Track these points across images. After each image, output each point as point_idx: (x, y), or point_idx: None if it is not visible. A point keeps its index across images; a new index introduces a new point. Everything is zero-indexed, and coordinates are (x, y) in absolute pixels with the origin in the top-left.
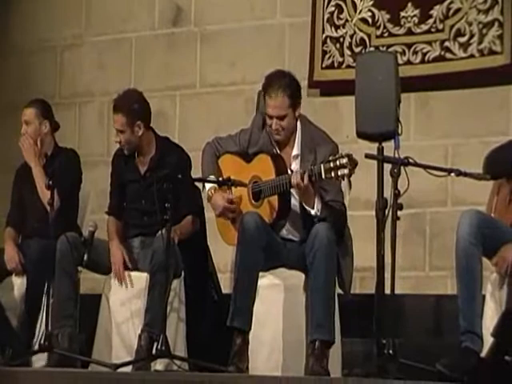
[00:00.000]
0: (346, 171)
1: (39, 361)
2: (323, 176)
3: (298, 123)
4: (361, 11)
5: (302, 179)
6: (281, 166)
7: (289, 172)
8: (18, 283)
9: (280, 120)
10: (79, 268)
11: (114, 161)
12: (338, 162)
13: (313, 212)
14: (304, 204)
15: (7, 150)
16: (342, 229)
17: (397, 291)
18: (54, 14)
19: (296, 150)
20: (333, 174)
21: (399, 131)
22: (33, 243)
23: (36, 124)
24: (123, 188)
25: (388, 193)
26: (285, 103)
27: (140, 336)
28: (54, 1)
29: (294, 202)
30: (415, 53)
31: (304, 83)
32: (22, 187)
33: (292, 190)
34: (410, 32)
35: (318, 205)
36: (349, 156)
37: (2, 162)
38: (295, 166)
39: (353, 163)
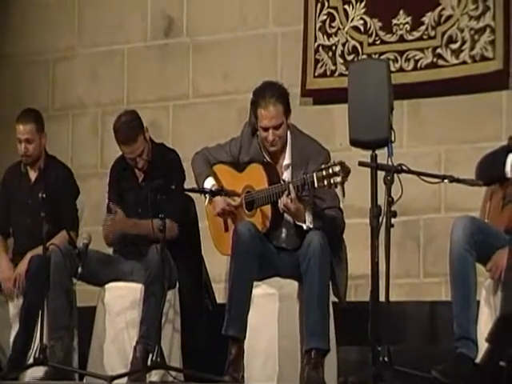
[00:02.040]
0: (338, 179)
1: (35, 373)
2: (316, 185)
3: (288, 133)
4: (353, 19)
5: (291, 196)
6: (273, 175)
7: (281, 181)
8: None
9: (276, 130)
10: (74, 280)
11: (112, 170)
12: (330, 170)
13: (305, 226)
14: (295, 220)
15: (1, 161)
16: (339, 234)
17: (391, 298)
18: (46, 26)
19: (287, 160)
20: (325, 183)
21: (392, 138)
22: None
23: (37, 140)
24: (121, 196)
25: (382, 200)
26: (280, 111)
27: (135, 348)
28: (46, 13)
29: None
30: (407, 60)
31: (297, 92)
32: (9, 201)
33: None
34: (402, 39)
35: (309, 218)
36: (341, 164)
37: None
38: (287, 175)
39: (345, 171)
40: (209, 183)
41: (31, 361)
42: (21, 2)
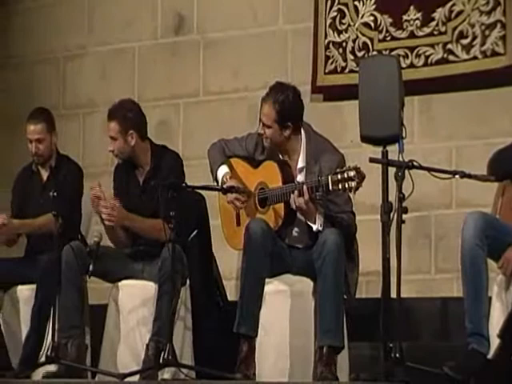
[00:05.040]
0: (353, 184)
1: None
2: (330, 188)
3: (303, 134)
4: (363, 15)
5: (304, 198)
6: (287, 174)
7: (295, 182)
8: (24, 294)
9: (265, 127)
10: (85, 278)
11: (115, 175)
12: (345, 175)
13: (314, 228)
14: (306, 220)
15: (10, 162)
16: (350, 237)
17: (403, 295)
18: (57, 25)
19: (301, 163)
20: (340, 186)
21: (403, 134)
22: (41, 257)
23: (48, 140)
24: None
25: (393, 196)
26: (271, 115)
27: (147, 345)
28: (56, 12)
29: None
30: (418, 56)
31: (307, 88)
32: (23, 201)
33: None
34: (412, 35)
35: (319, 220)
36: (357, 169)
37: (6, 174)
38: (300, 178)
39: (360, 176)
40: (222, 171)
41: (43, 359)
42: (31, 0)
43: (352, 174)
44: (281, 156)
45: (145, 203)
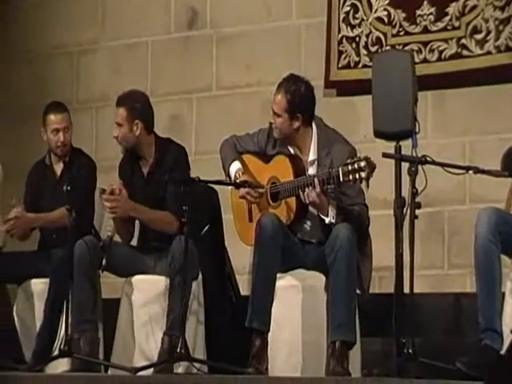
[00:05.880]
0: (363, 174)
1: (60, 366)
2: (341, 179)
3: (314, 127)
4: (376, 10)
5: (315, 191)
6: (299, 168)
7: (306, 175)
8: (38, 288)
9: (275, 116)
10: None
11: (120, 168)
12: (356, 165)
13: (327, 220)
14: (318, 213)
15: (25, 156)
16: (362, 230)
17: (416, 290)
18: (70, 20)
19: (312, 155)
20: (351, 177)
21: (416, 130)
22: (54, 251)
23: (71, 129)
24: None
25: (406, 192)
26: (281, 104)
27: (162, 339)
28: (69, 6)
29: None
30: (431, 51)
31: (320, 83)
32: (36, 195)
33: None
34: (426, 30)
35: (331, 212)
36: (367, 159)
37: (19, 168)
38: (312, 171)
39: (371, 167)
40: (235, 167)
41: (56, 353)
42: None
43: (362, 164)
44: (292, 150)
45: (149, 195)
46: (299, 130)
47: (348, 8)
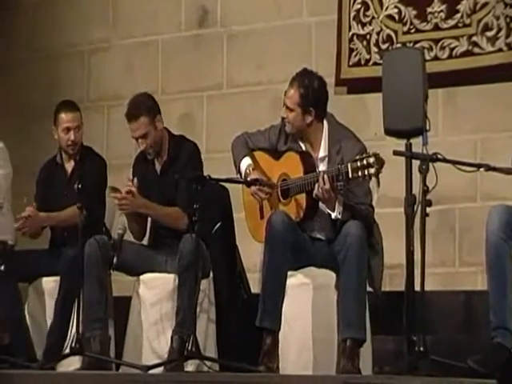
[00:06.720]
0: (372, 170)
1: (72, 364)
2: (350, 175)
3: (325, 124)
4: (387, 8)
5: (325, 186)
6: (309, 164)
7: (317, 171)
8: (49, 286)
9: (288, 110)
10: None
11: (134, 165)
12: (365, 162)
13: (333, 215)
14: (325, 207)
15: (36, 154)
16: (368, 229)
17: (427, 288)
18: (81, 19)
19: (323, 152)
20: (360, 174)
21: (427, 127)
22: (65, 250)
23: (82, 128)
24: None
25: (417, 189)
26: (294, 98)
27: (172, 337)
28: (80, 5)
29: None
30: (442, 48)
31: (331, 81)
32: (47, 193)
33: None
34: (436, 27)
35: (338, 208)
36: (376, 155)
37: (30, 166)
38: (322, 167)
39: (380, 163)
40: (245, 163)
41: (67, 351)
42: None
43: (371, 160)
44: (303, 146)
45: (162, 192)
46: (312, 124)
47: (359, 6)
